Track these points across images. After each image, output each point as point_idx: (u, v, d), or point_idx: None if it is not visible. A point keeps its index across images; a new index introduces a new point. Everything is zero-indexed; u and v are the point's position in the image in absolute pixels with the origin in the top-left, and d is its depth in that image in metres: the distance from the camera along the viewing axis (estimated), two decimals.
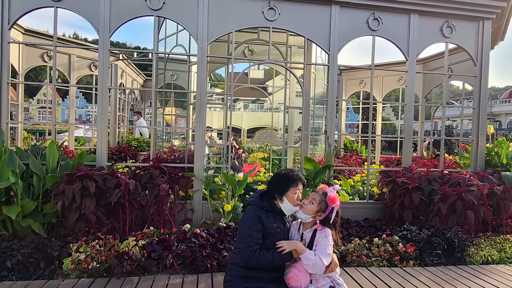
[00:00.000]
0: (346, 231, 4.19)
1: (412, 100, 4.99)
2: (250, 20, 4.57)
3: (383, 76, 8.70)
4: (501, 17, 5.36)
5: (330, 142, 4.86)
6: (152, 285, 2.97)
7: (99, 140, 4.33)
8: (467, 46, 5.11)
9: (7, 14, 4.07)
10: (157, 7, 4.32)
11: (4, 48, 4.10)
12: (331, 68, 4.80)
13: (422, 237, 3.88)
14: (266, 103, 36.69)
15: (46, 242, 3.41)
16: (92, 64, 7.89)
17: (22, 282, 3.01)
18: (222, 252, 3.42)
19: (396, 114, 28.67)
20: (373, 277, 3.29)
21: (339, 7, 4.70)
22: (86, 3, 4.19)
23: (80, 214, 3.60)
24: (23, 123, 7.43)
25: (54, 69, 4.59)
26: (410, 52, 4.92)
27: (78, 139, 9.90)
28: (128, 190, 3.78)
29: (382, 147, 11.11)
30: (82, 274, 3.12)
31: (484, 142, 5.19)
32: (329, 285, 2.54)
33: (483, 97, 5.19)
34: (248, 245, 2.43)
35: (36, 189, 3.74)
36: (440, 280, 3.27)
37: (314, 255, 2.45)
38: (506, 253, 3.87)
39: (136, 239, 3.55)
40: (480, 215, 4.23)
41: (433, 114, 9.31)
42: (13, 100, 7.05)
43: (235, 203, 4.48)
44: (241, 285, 2.47)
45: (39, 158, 4.01)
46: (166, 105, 7.73)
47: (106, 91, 4.36)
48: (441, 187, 4.35)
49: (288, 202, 2.55)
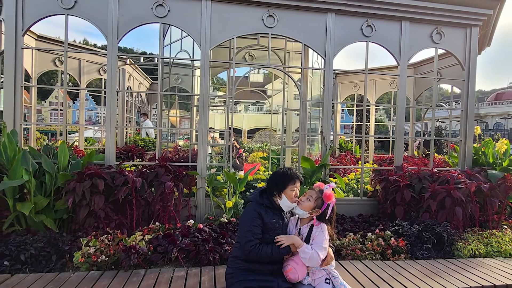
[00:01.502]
0: (341, 226, 4.20)
1: (403, 103, 4.99)
2: (251, 27, 4.56)
3: (376, 79, 8.71)
4: (488, 24, 5.36)
5: (326, 142, 4.86)
6: (158, 278, 2.97)
7: (108, 140, 4.33)
8: (455, 52, 5.12)
9: (21, 21, 4.07)
10: (163, 14, 4.32)
11: (18, 54, 4.10)
12: (327, 72, 4.80)
13: (413, 232, 3.88)
14: (265, 105, 36.67)
15: (58, 236, 3.42)
16: (101, 68, 7.89)
17: (35, 275, 3.01)
18: (224, 246, 3.42)
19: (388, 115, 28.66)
20: (366, 269, 3.29)
21: (335, 15, 4.70)
22: (96, 10, 4.19)
23: (90, 210, 3.60)
24: (36, 124, 7.42)
25: (65, 73, 4.59)
26: (401, 57, 4.92)
27: (87, 139, 9.90)
28: (135, 188, 3.78)
29: (375, 147, 11.11)
30: (92, 267, 3.12)
31: (471, 142, 5.19)
32: (325, 277, 2.54)
33: (470, 100, 5.19)
34: (248, 240, 2.44)
35: (48, 187, 3.73)
36: (430, 272, 3.27)
37: (311, 249, 2.45)
38: (492, 247, 3.87)
39: (142, 234, 3.55)
40: (467, 211, 4.23)
41: (423, 115, 9.30)
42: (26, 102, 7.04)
43: (236, 200, 4.48)
44: (241, 278, 2.47)
45: (51, 157, 4.01)
46: (171, 107, 7.73)
47: (114, 94, 4.35)
48: (431, 185, 4.34)
49: (286, 199, 2.56)
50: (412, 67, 8.07)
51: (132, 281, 2.88)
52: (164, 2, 4.29)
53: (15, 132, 3.91)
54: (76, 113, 23.30)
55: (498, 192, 4.38)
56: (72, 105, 24.75)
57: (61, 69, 7.10)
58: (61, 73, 7.67)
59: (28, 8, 4.08)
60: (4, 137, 3.69)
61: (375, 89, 8.84)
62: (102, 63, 7.79)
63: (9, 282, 2.84)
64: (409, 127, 8.55)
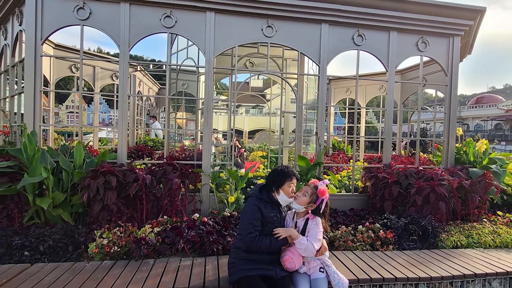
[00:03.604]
0: (334, 220, 4.19)
1: (391, 106, 4.99)
2: (251, 36, 4.56)
3: (366, 85, 8.70)
4: (469, 34, 5.36)
5: (320, 142, 4.85)
6: (166, 267, 2.97)
7: (120, 141, 4.33)
8: (439, 59, 5.11)
9: (40, 31, 4.07)
10: (170, 25, 4.32)
11: (37, 61, 4.09)
12: (321, 78, 4.80)
13: (400, 225, 3.88)
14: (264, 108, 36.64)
15: (74, 229, 3.42)
16: (113, 74, 7.89)
17: (53, 264, 3.01)
18: (227, 237, 3.42)
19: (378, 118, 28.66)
20: (357, 259, 3.28)
21: (328, 25, 4.70)
22: (109, 21, 4.19)
23: (103, 204, 3.60)
24: (53, 126, 7.42)
25: (80, 79, 4.58)
26: (389, 64, 4.92)
27: (101, 139, 9.88)
28: (145, 184, 3.77)
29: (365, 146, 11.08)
30: (105, 257, 3.12)
31: (454, 143, 5.19)
32: (320, 266, 2.55)
33: (453, 103, 5.19)
34: (249, 232, 2.44)
35: (65, 183, 3.74)
36: (415, 262, 3.27)
37: (306, 240, 2.45)
38: (473, 239, 3.87)
39: (151, 226, 3.55)
40: (450, 206, 4.23)
41: (409, 118, 9.29)
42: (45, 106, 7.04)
43: (237, 195, 4.48)
44: (243, 267, 2.47)
45: (67, 156, 4.01)
46: (178, 110, 7.73)
47: (126, 98, 4.35)
48: (416, 181, 4.34)
49: (283, 194, 2.56)
50: (399, 73, 8.07)
51: (142, 270, 2.88)
52: (171, 14, 4.29)
53: (34, 133, 3.91)
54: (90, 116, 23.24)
55: (478, 188, 4.38)
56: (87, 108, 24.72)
57: (77, 75, 7.10)
58: (77, 79, 7.66)
59: (47, 19, 4.09)
60: (24, 137, 3.70)
61: (366, 93, 8.84)
62: (114, 69, 7.79)
63: (29, 270, 2.84)
64: (396, 129, 8.55)
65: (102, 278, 2.69)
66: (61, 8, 4.09)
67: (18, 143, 4.34)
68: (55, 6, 4.08)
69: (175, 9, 4.30)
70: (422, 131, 13.95)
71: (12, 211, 3.51)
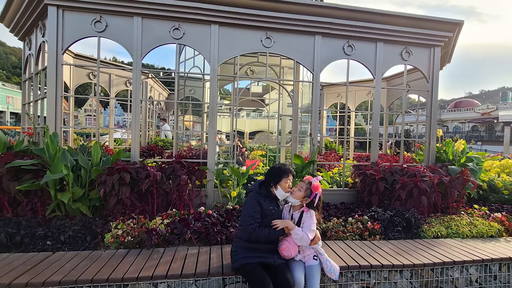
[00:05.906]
0: (327, 212, 4.19)
1: (378, 109, 4.99)
2: (251, 47, 4.56)
3: (355, 90, 8.70)
4: (448, 45, 5.36)
5: (314, 142, 4.85)
6: (174, 255, 2.97)
7: (133, 141, 4.33)
8: (421, 67, 5.11)
9: (61, 42, 4.07)
10: (179, 36, 4.32)
11: (58, 69, 4.09)
12: (315, 84, 4.80)
13: (386, 217, 3.88)
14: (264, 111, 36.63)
15: (91, 221, 3.42)
16: (127, 81, 7.89)
17: (72, 252, 3.01)
18: (229, 228, 3.42)
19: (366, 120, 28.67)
20: (348, 248, 3.29)
21: (321, 37, 4.70)
22: (123, 33, 4.19)
23: (118, 199, 3.60)
24: (73, 128, 7.42)
25: (97, 85, 4.58)
26: (376, 72, 4.92)
27: (116, 140, 9.88)
28: (155, 180, 3.78)
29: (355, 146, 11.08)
30: (120, 246, 3.13)
31: (434, 143, 5.19)
32: (313, 254, 2.55)
33: (434, 107, 5.19)
34: (249, 223, 2.44)
35: (84, 179, 3.74)
36: (400, 250, 3.27)
37: (301, 231, 2.46)
38: (452, 230, 3.87)
39: (162, 218, 3.55)
40: (431, 200, 4.23)
41: (394, 120, 9.29)
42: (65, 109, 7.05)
43: (239, 190, 4.48)
44: (244, 255, 2.48)
45: (86, 155, 4.01)
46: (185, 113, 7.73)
47: (138, 102, 4.35)
48: (401, 178, 4.34)
49: (281, 190, 2.56)
50: (385, 80, 8.07)
51: (153, 258, 2.88)
52: (180, 26, 4.29)
53: (56, 134, 3.92)
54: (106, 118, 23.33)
55: (457, 184, 4.38)
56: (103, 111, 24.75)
57: (94, 82, 7.09)
58: (94, 85, 7.65)
59: (67, 31, 4.09)
60: (47, 138, 3.70)
61: (355, 98, 8.84)
62: (128, 77, 7.79)
63: (51, 258, 2.85)
64: (383, 130, 8.54)
65: (117, 265, 2.70)
66: (80, 22, 4.09)
67: (41, 143, 4.34)
68: (74, 19, 4.08)
69: (183, 22, 4.30)
70: (406, 132, 13.94)
71: (35, 204, 3.52)
